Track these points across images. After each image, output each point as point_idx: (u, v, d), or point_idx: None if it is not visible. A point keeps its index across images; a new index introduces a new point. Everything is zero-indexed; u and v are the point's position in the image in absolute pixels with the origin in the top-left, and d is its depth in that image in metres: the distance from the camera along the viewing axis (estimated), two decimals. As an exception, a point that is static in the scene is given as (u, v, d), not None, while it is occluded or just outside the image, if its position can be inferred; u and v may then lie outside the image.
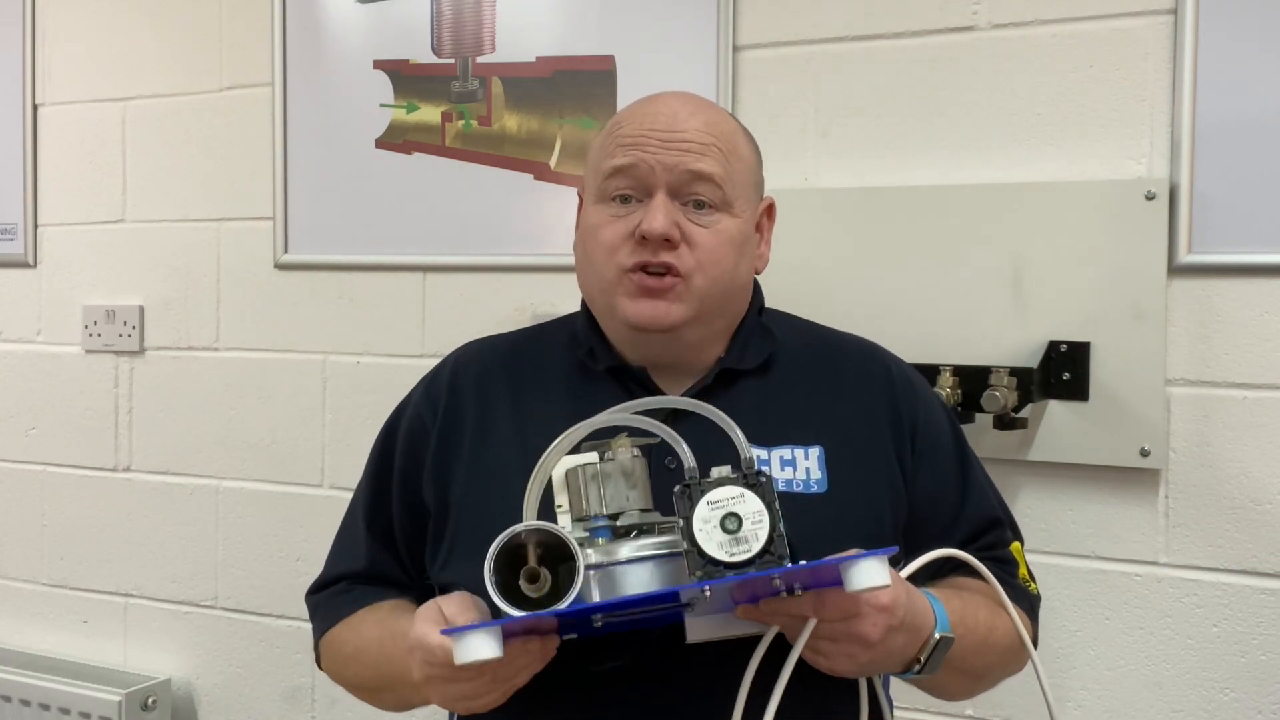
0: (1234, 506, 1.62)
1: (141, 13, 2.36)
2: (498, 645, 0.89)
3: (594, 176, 1.20)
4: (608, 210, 1.17)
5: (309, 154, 2.21)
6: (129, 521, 2.40)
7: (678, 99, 1.20)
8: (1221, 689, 1.64)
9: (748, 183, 1.21)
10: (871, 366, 1.26)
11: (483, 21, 2.07)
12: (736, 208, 1.17)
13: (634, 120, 1.18)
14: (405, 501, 1.24)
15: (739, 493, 0.92)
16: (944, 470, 1.23)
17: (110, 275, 2.40)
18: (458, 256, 2.10)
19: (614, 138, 1.18)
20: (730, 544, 0.90)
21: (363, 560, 1.26)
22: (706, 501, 0.91)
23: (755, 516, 0.91)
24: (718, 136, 1.17)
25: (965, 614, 1.08)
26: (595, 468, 0.98)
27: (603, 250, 1.16)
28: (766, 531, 0.90)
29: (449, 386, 1.25)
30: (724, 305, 1.19)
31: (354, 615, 1.21)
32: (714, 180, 1.15)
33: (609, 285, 1.17)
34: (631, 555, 0.95)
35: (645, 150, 1.15)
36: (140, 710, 2.25)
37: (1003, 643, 1.15)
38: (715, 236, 1.15)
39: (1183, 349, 1.64)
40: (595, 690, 1.09)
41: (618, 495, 0.97)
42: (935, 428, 1.24)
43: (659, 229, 1.12)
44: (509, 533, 0.92)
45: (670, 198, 1.14)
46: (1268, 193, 1.59)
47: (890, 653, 1.00)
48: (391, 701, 1.20)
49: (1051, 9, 1.70)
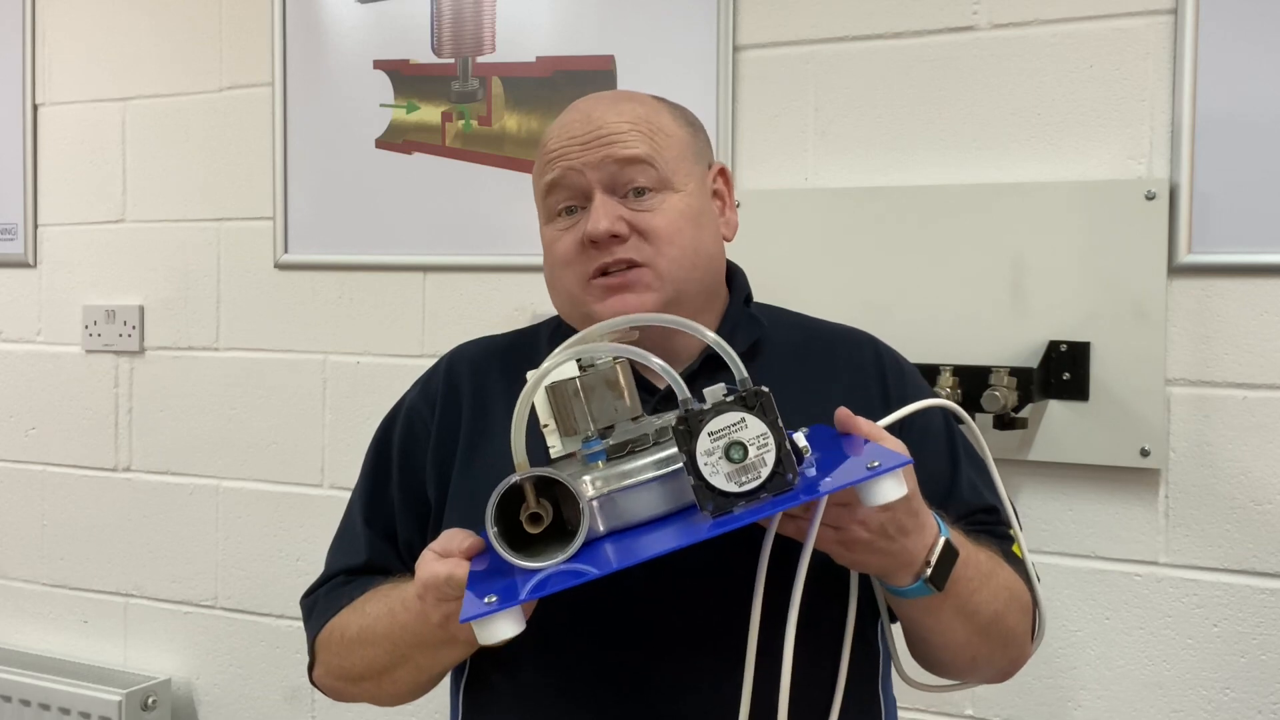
0: (1234, 506, 1.62)
1: (141, 12, 2.36)
2: (520, 621, 0.88)
3: (538, 200, 1.22)
4: (557, 226, 1.18)
5: (309, 154, 2.21)
6: (129, 521, 2.40)
7: (591, 100, 1.21)
8: (1222, 689, 1.64)
9: (683, 155, 1.19)
10: (862, 353, 1.25)
11: (483, 21, 2.07)
12: (677, 182, 1.17)
13: (555, 134, 1.19)
14: (407, 496, 1.23)
15: (739, 418, 0.88)
16: (935, 457, 1.22)
17: (110, 275, 2.40)
18: (458, 256, 2.10)
19: (542, 157, 1.20)
20: (738, 474, 0.87)
21: (362, 554, 1.24)
22: (707, 433, 0.88)
23: (759, 441, 0.87)
24: (635, 120, 1.17)
25: (964, 542, 1.07)
26: (576, 382, 0.95)
27: (560, 264, 1.17)
28: (774, 454, 0.87)
29: (445, 384, 1.25)
30: (700, 279, 1.18)
31: (356, 601, 1.19)
32: (643, 160, 1.15)
33: (577, 298, 1.17)
34: (633, 480, 0.92)
35: (569, 159, 1.16)
36: (140, 710, 2.25)
37: (1004, 590, 1.12)
38: (664, 216, 1.15)
39: (1183, 349, 1.64)
40: None
41: (605, 408, 0.94)
42: (926, 414, 1.24)
43: (602, 228, 1.12)
44: (503, 486, 0.91)
45: (609, 194, 1.15)
46: (1268, 192, 1.59)
47: (900, 543, 0.96)
48: (407, 677, 1.15)
49: (1051, 9, 1.70)
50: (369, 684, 1.18)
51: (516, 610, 0.88)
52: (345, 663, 1.19)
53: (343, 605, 1.20)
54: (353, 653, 1.17)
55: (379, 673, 1.16)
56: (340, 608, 1.20)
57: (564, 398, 0.95)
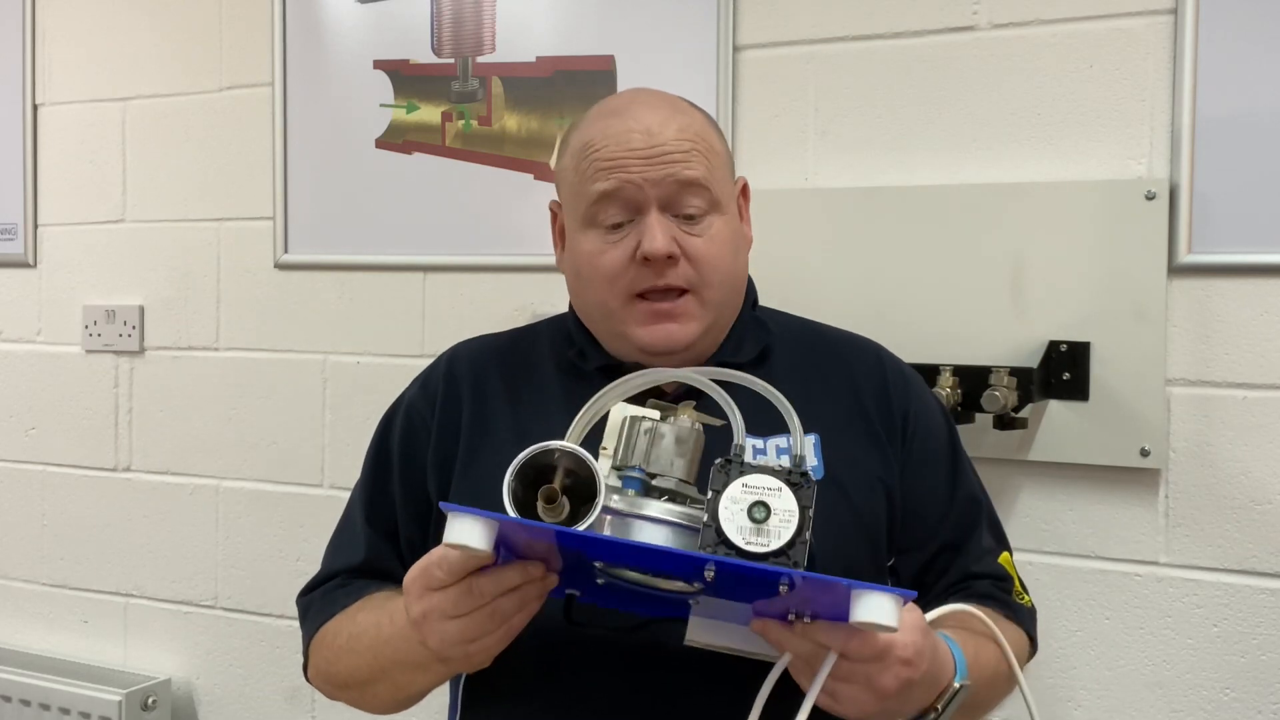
0: (1234, 506, 1.62)
1: (141, 13, 2.36)
2: (489, 538, 0.85)
3: (575, 200, 1.17)
4: (601, 237, 1.15)
5: (309, 154, 2.21)
6: (129, 521, 2.39)
7: (645, 108, 1.17)
8: (1222, 689, 1.64)
9: (727, 175, 1.20)
10: (866, 360, 1.26)
11: (483, 21, 2.07)
12: (724, 205, 1.17)
13: (609, 139, 1.14)
14: (408, 494, 1.23)
15: (777, 486, 0.88)
16: (935, 468, 1.23)
17: (110, 275, 2.40)
18: (458, 256, 2.10)
19: (591, 161, 1.14)
20: (751, 532, 0.86)
21: (361, 554, 1.24)
22: (742, 484, 0.88)
23: (785, 515, 0.87)
24: (694, 138, 1.14)
25: (979, 656, 1.06)
26: (653, 424, 0.95)
27: (603, 279, 1.15)
28: (792, 532, 0.86)
29: (445, 382, 1.25)
30: (734, 301, 1.20)
31: (350, 607, 1.19)
32: (702, 184, 1.13)
33: (614, 313, 1.15)
34: (652, 514, 0.91)
35: (629, 171, 1.12)
36: (140, 710, 2.25)
37: (1003, 676, 1.14)
38: (712, 243, 1.14)
39: (1183, 349, 1.64)
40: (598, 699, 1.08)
41: (663, 457, 0.94)
42: (930, 425, 1.24)
43: (661, 248, 1.10)
44: (541, 446, 0.89)
45: (663, 212, 1.13)
46: (1268, 193, 1.58)
47: (905, 703, 0.96)
48: (385, 693, 1.15)
49: (1051, 9, 1.70)
50: (353, 692, 1.19)
51: (490, 525, 0.86)
52: (332, 669, 1.20)
53: (338, 609, 1.20)
54: (340, 660, 1.18)
55: (360, 683, 1.16)
56: (335, 611, 1.20)
57: (634, 433, 0.95)
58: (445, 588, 0.94)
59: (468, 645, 0.96)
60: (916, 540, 1.21)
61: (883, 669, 0.91)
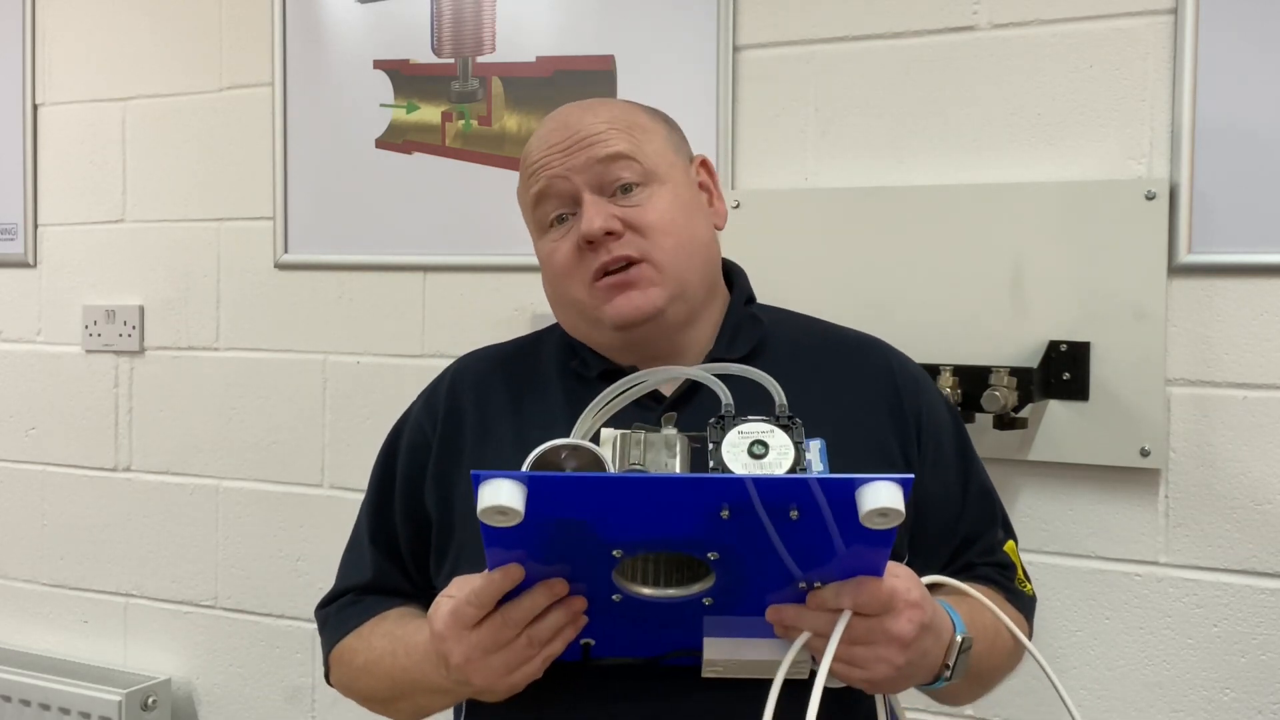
0: (1234, 506, 1.62)
1: (141, 12, 2.36)
2: (520, 497, 0.86)
3: (528, 215, 1.23)
4: (551, 238, 1.19)
5: (309, 154, 2.21)
6: (129, 521, 2.40)
7: (565, 110, 1.22)
8: (1222, 689, 1.64)
9: (663, 148, 1.20)
10: (873, 360, 1.24)
11: (483, 21, 2.07)
12: (662, 174, 1.18)
13: (535, 146, 1.20)
14: (408, 513, 1.24)
15: (770, 428, 0.94)
16: (947, 468, 1.22)
17: (110, 275, 2.40)
18: (458, 256, 2.10)
19: (526, 171, 1.21)
20: (754, 468, 0.92)
21: (369, 573, 1.26)
22: (737, 431, 0.94)
23: (782, 449, 0.93)
24: (611, 120, 1.18)
25: (973, 618, 1.07)
26: (644, 436, 1.00)
27: (562, 274, 1.18)
28: (790, 463, 0.92)
29: (448, 396, 1.25)
30: (699, 268, 1.18)
31: (363, 627, 1.22)
32: (625, 155, 1.16)
33: (583, 304, 1.17)
34: (657, 462, 0.98)
35: (552, 167, 1.17)
36: (140, 710, 2.25)
37: (1006, 645, 1.15)
38: (654, 209, 1.15)
39: (1183, 349, 1.64)
40: None
41: (658, 459, 0.99)
42: (939, 425, 1.23)
43: (596, 226, 1.13)
44: (550, 444, 0.93)
45: (597, 195, 1.15)
46: (1268, 193, 1.59)
47: (924, 655, 0.98)
48: (408, 710, 1.19)
49: (1051, 9, 1.70)
50: (377, 706, 1.23)
51: (520, 487, 0.86)
52: (354, 685, 1.24)
53: (351, 628, 1.23)
54: (359, 680, 1.22)
55: (383, 701, 1.21)
56: (349, 629, 1.23)
57: (628, 445, 1.00)
58: (479, 624, 0.96)
59: (510, 676, 0.98)
60: (935, 540, 1.20)
61: (895, 616, 0.94)
